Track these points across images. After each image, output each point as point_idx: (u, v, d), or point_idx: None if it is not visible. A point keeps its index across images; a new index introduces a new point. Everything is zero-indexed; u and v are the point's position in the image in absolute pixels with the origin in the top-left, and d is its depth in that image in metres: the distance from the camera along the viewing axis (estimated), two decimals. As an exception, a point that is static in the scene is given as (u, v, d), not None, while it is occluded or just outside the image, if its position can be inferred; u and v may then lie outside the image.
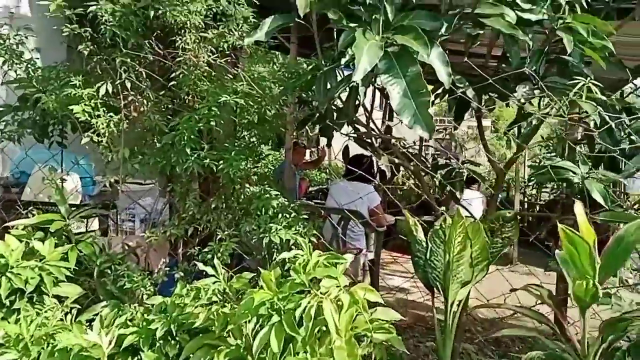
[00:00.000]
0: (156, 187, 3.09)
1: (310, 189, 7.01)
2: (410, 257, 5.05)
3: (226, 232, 2.17)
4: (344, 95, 2.41)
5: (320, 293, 1.48)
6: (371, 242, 4.22)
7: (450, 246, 1.84)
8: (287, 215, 2.23)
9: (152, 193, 3.20)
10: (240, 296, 1.67)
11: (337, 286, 1.53)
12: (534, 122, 1.82)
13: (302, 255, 1.56)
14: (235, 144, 2.34)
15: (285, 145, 3.33)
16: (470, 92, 1.97)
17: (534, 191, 7.37)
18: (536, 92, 1.96)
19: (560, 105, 1.87)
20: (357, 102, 2.22)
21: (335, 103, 2.38)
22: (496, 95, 2.32)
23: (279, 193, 2.33)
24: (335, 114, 2.36)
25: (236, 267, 2.44)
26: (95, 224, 4.45)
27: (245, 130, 2.45)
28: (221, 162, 2.20)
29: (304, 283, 1.47)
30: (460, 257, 1.83)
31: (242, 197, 2.39)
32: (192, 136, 2.20)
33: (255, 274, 1.78)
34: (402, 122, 1.63)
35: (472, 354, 2.25)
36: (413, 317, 3.46)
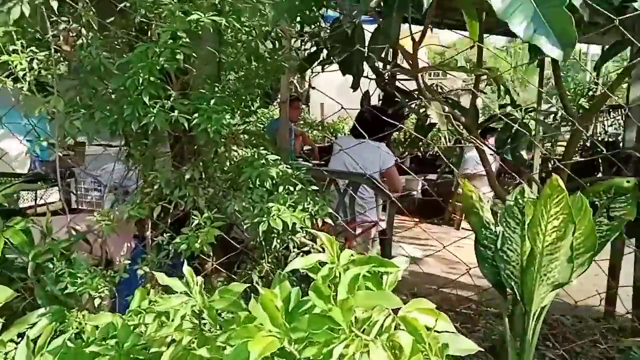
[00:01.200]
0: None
1: (305, 147, 6.36)
2: (417, 220, 4.44)
3: (205, 215, 1.54)
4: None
5: (356, 319, 0.89)
6: (380, 208, 3.63)
7: (537, 231, 1.23)
8: (291, 188, 1.61)
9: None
10: (224, 325, 1.06)
11: (385, 310, 0.93)
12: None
13: (327, 264, 0.94)
14: (217, 89, 1.67)
15: (281, 95, 2.67)
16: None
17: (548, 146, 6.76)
18: None
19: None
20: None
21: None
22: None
23: (278, 157, 1.70)
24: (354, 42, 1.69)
25: (221, 248, 1.84)
26: (55, 197, 3.80)
27: (230, 70, 1.77)
28: (196, 115, 1.54)
29: (330, 316, 0.85)
30: (555, 249, 1.22)
31: (228, 163, 1.75)
32: (151, 78, 1.53)
33: (248, 285, 1.17)
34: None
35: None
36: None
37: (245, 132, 1.92)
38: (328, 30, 2.03)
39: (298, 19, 1.90)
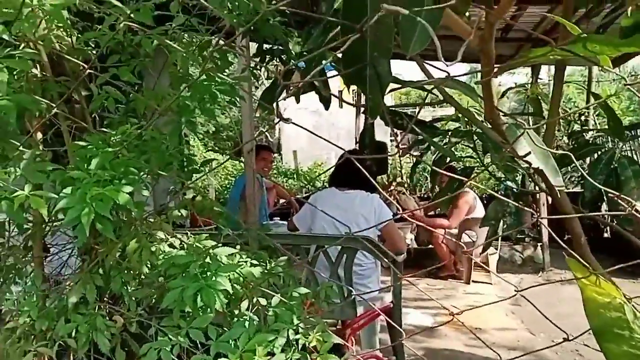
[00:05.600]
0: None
1: (281, 201, 5.61)
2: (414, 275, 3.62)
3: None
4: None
5: None
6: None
7: None
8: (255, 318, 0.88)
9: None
10: None
11: None
12: None
13: None
14: (118, 137, 0.96)
15: (244, 143, 1.99)
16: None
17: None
18: None
19: None
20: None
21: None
22: None
23: (234, 249, 0.97)
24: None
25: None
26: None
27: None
28: (64, 193, 0.82)
29: None
30: None
31: (147, 268, 1.01)
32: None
33: None
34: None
35: None
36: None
37: (183, 208, 1.19)
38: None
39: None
